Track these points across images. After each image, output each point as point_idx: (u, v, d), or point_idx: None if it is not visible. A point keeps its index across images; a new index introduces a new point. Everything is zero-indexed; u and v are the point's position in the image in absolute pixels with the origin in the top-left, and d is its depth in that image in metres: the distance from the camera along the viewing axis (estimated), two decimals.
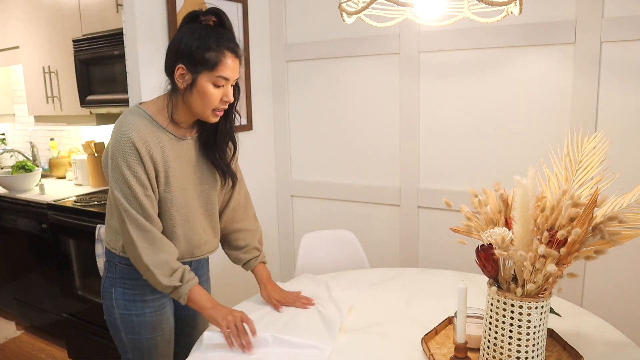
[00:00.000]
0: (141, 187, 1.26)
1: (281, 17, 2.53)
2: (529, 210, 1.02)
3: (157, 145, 1.29)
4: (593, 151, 1.18)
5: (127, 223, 1.25)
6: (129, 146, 1.24)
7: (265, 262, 1.60)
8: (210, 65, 1.25)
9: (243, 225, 1.57)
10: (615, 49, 1.84)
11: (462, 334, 1.15)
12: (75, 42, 2.58)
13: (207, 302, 1.32)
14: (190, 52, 1.24)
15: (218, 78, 1.26)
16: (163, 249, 1.28)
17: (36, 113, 3.08)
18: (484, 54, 2.09)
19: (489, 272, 1.09)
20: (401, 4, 1.18)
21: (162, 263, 1.27)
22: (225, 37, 1.27)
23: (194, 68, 1.25)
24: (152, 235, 1.27)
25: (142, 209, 1.26)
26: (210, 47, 1.24)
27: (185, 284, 1.30)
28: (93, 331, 2.51)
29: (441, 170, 2.26)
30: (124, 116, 1.29)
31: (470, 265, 1.38)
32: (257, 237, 1.60)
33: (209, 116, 1.31)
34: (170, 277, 1.28)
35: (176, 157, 1.33)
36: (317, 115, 2.55)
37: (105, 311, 1.43)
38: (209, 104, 1.28)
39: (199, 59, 1.24)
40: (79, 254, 2.48)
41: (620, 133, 1.87)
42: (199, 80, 1.26)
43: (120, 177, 1.25)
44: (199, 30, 1.26)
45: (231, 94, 1.30)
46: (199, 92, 1.27)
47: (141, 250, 1.25)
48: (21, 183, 2.89)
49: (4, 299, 3.10)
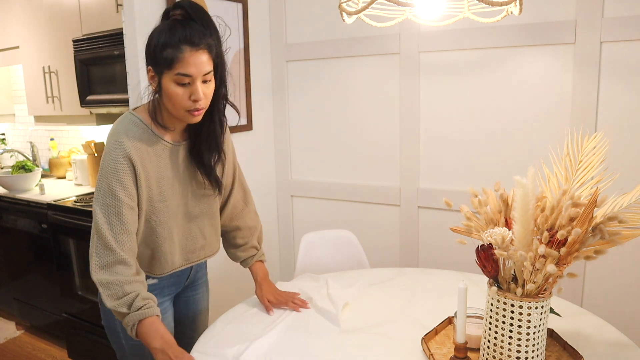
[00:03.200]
0: (128, 198, 1.20)
1: (281, 17, 2.53)
2: (529, 210, 1.02)
3: (151, 155, 1.25)
4: (593, 151, 1.18)
5: (94, 235, 1.19)
6: (121, 155, 1.19)
7: (263, 260, 1.58)
8: (169, 63, 1.15)
9: (242, 223, 1.55)
10: (615, 49, 1.84)
11: (462, 334, 1.15)
12: (75, 42, 2.58)
13: (156, 340, 1.14)
14: (152, 52, 1.17)
15: (178, 76, 1.16)
16: (121, 272, 1.17)
17: (36, 113, 3.08)
18: (484, 54, 2.09)
19: (489, 272, 1.09)
20: (401, 4, 1.18)
21: (111, 283, 1.16)
22: (188, 30, 1.15)
23: (157, 68, 1.18)
24: (115, 257, 1.17)
25: (121, 222, 1.18)
26: (166, 43, 1.14)
27: (134, 313, 1.15)
28: (93, 331, 2.51)
29: (441, 170, 2.26)
30: (118, 124, 1.25)
31: (470, 265, 1.38)
32: (257, 235, 1.58)
33: (185, 117, 1.22)
34: (117, 301, 1.15)
35: (171, 164, 1.30)
36: (317, 115, 2.55)
37: (104, 317, 1.38)
38: (177, 104, 1.19)
39: (159, 59, 1.16)
40: (79, 254, 2.48)
41: (620, 133, 1.87)
42: (163, 81, 1.18)
43: (105, 186, 1.19)
44: (161, 27, 1.18)
45: (200, 91, 1.18)
46: (165, 93, 1.19)
47: (94, 265, 1.17)
48: (21, 183, 2.89)
49: (4, 299, 3.10)
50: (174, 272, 1.39)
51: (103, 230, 1.17)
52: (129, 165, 1.20)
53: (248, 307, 1.51)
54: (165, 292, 1.42)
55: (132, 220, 1.22)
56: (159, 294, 1.40)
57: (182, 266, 1.40)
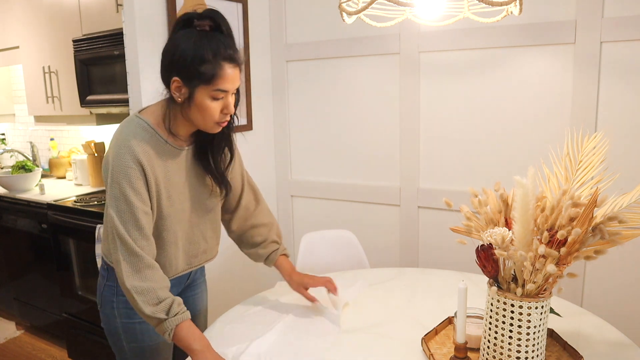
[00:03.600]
0: (142, 203, 1.18)
1: (281, 17, 2.53)
2: (529, 210, 1.02)
3: (159, 159, 1.23)
4: (593, 151, 1.18)
5: (117, 244, 1.16)
6: (131, 159, 1.16)
7: (287, 254, 1.54)
8: (207, 79, 1.15)
9: (258, 221, 1.52)
10: (615, 49, 1.84)
11: (462, 334, 1.15)
12: (75, 42, 2.58)
13: (196, 342, 1.16)
14: (185, 64, 1.15)
15: (216, 92, 1.17)
16: (151, 277, 1.17)
17: (36, 113, 3.08)
18: (484, 54, 2.09)
19: (489, 272, 1.09)
20: (401, 4, 1.18)
21: (146, 290, 1.16)
22: (222, 45, 1.16)
23: (189, 82, 1.16)
24: (141, 261, 1.17)
25: (138, 228, 1.17)
26: (206, 60, 1.14)
27: (172, 318, 1.16)
28: (93, 331, 2.50)
29: (441, 170, 2.26)
30: (125, 127, 1.22)
31: (470, 265, 1.38)
32: (275, 230, 1.55)
33: (212, 128, 1.24)
34: (154, 308, 1.15)
35: (177, 169, 1.28)
36: (317, 115, 2.55)
37: (104, 320, 1.37)
38: (209, 118, 1.20)
39: (194, 73, 1.14)
40: (79, 254, 2.48)
41: (620, 133, 1.87)
42: (197, 95, 1.17)
43: (118, 193, 1.16)
44: (193, 39, 1.15)
45: (232, 105, 1.21)
46: (197, 106, 1.18)
47: (125, 273, 1.16)
48: (21, 183, 2.89)
49: (4, 299, 3.10)
50: (176, 276, 1.38)
51: (124, 237, 1.16)
52: (140, 169, 1.18)
53: (247, 307, 1.51)
54: None
55: (148, 225, 1.20)
56: None
57: (184, 271, 1.39)
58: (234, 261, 2.41)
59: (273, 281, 1.72)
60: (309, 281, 1.48)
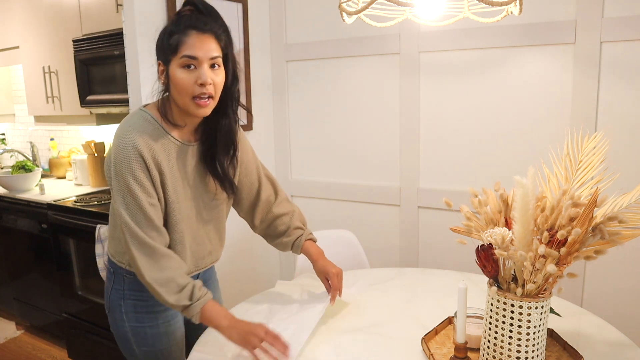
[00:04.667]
0: (146, 195, 1.17)
1: (281, 17, 2.53)
2: (529, 210, 1.02)
3: (163, 152, 1.21)
4: (593, 151, 1.18)
5: (128, 239, 1.16)
6: (133, 152, 1.15)
7: (313, 239, 1.53)
8: (174, 48, 1.16)
9: (279, 211, 1.50)
10: (615, 49, 1.84)
11: (462, 334, 1.15)
12: (75, 42, 2.58)
13: (223, 319, 1.20)
14: (160, 45, 1.19)
15: (184, 59, 1.15)
16: (168, 266, 1.18)
17: (36, 113, 3.08)
18: (484, 54, 2.09)
19: (489, 272, 1.09)
20: (401, 4, 1.18)
21: (166, 280, 1.17)
22: (192, 18, 1.17)
23: (165, 59, 1.18)
24: (155, 252, 1.17)
25: (147, 219, 1.17)
26: (172, 31, 1.17)
27: (196, 303, 1.18)
28: (93, 331, 2.51)
29: (441, 170, 2.26)
30: (128, 120, 1.22)
31: (470, 265, 1.38)
32: (297, 217, 1.53)
33: (191, 107, 1.19)
34: (177, 296, 1.17)
35: (182, 165, 1.27)
36: (317, 115, 2.55)
37: (113, 324, 1.36)
38: (183, 90, 1.17)
39: (165, 47, 1.17)
40: (79, 254, 2.49)
41: (620, 133, 1.87)
42: (171, 70, 1.17)
43: (123, 186, 1.16)
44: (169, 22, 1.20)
45: (206, 75, 1.17)
46: (174, 82, 1.18)
47: (143, 268, 1.16)
48: (21, 183, 2.89)
49: (4, 299, 3.10)
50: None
51: (134, 230, 1.16)
52: (141, 161, 1.17)
53: (248, 307, 1.51)
54: None
55: (156, 216, 1.20)
56: None
57: (191, 273, 1.37)
58: (235, 261, 2.41)
59: (273, 281, 1.72)
60: (330, 270, 1.44)
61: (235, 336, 1.18)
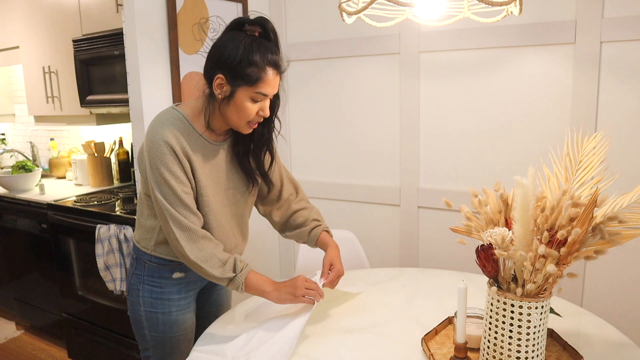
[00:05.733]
0: (180, 184, 1.26)
1: (281, 17, 2.53)
2: (529, 210, 1.02)
3: (192, 148, 1.29)
4: (593, 151, 1.18)
5: (170, 223, 1.25)
6: (165, 146, 1.23)
7: (329, 232, 1.58)
8: (251, 81, 1.22)
9: (298, 206, 1.58)
10: (615, 49, 1.84)
11: (462, 334, 1.15)
12: (75, 42, 2.58)
13: (267, 285, 1.31)
14: (232, 64, 1.21)
15: (257, 94, 1.24)
16: (207, 245, 1.28)
17: (36, 113, 3.08)
18: (484, 54, 2.09)
19: (489, 272, 1.09)
20: (401, 4, 1.18)
21: (208, 257, 1.27)
22: (269, 51, 1.24)
23: (233, 81, 1.23)
24: (195, 234, 1.27)
25: (184, 205, 1.26)
26: (253, 62, 1.21)
27: (240, 274, 1.28)
28: (93, 331, 2.51)
29: (441, 170, 2.26)
30: (160, 117, 1.29)
31: (470, 265, 1.38)
32: (315, 211, 1.60)
33: (242, 128, 1.30)
34: (222, 269, 1.27)
35: (209, 161, 1.33)
36: (317, 115, 2.55)
37: (130, 307, 1.45)
38: (244, 117, 1.27)
39: (239, 73, 1.22)
40: (79, 254, 2.48)
41: (620, 133, 1.87)
42: (238, 94, 1.24)
43: (159, 178, 1.24)
44: (244, 42, 1.22)
45: (267, 108, 1.29)
46: (235, 105, 1.26)
47: (186, 248, 1.25)
48: (21, 183, 2.89)
49: (4, 299, 3.10)
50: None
51: (175, 215, 1.25)
52: (173, 154, 1.24)
53: (249, 307, 1.51)
54: (191, 287, 1.46)
55: (192, 203, 1.28)
56: (185, 289, 1.44)
57: None
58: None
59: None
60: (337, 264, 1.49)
61: (283, 296, 1.31)
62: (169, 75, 2.06)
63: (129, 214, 2.25)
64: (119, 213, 2.30)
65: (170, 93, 2.07)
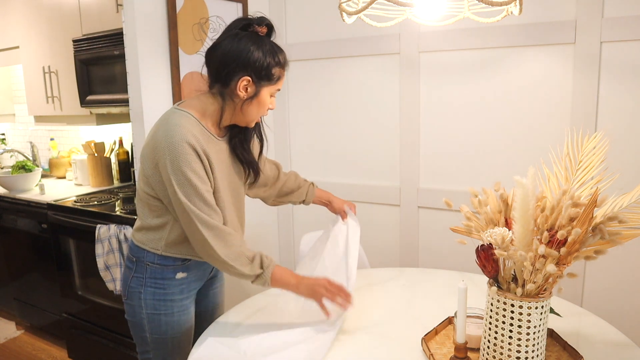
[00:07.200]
0: (203, 184, 1.28)
1: (281, 17, 2.53)
2: (529, 210, 1.02)
3: (208, 146, 1.31)
4: (593, 151, 1.18)
5: (196, 224, 1.26)
6: (187, 147, 1.25)
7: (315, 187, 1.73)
8: (274, 80, 1.33)
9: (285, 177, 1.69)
10: (615, 49, 1.84)
11: (462, 334, 1.15)
12: (75, 42, 2.58)
13: (291, 278, 1.34)
14: (262, 66, 1.29)
15: (276, 90, 1.36)
16: (233, 242, 1.30)
17: (36, 113, 3.08)
18: (484, 54, 2.09)
19: (489, 272, 1.09)
20: (401, 4, 1.18)
21: (237, 255, 1.29)
22: (282, 50, 1.35)
23: (259, 81, 1.31)
24: (221, 231, 1.29)
25: (207, 205, 1.28)
26: (278, 63, 1.33)
27: (267, 270, 1.31)
28: (93, 331, 2.51)
29: (441, 170, 2.26)
30: (171, 118, 1.29)
31: (470, 265, 1.38)
32: (295, 174, 1.72)
33: (255, 120, 1.38)
34: (250, 266, 1.30)
35: (219, 157, 1.37)
36: (317, 115, 2.55)
37: (130, 311, 1.43)
38: (262, 112, 1.37)
39: (266, 74, 1.31)
40: (79, 254, 2.49)
41: (620, 133, 1.87)
42: (262, 93, 1.32)
43: (182, 178, 1.25)
44: (267, 46, 1.31)
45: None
46: (258, 102, 1.33)
47: (216, 247, 1.27)
48: (21, 183, 2.89)
49: (4, 299, 3.10)
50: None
51: (200, 215, 1.27)
52: (195, 153, 1.26)
53: (258, 302, 1.51)
54: (192, 286, 1.47)
55: (214, 202, 1.32)
56: (187, 289, 1.45)
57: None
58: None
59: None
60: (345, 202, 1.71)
61: (304, 290, 1.33)
62: (169, 75, 2.06)
63: (129, 214, 2.25)
64: (119, 213, 2.30)
65: (170, 93, 2.07)
